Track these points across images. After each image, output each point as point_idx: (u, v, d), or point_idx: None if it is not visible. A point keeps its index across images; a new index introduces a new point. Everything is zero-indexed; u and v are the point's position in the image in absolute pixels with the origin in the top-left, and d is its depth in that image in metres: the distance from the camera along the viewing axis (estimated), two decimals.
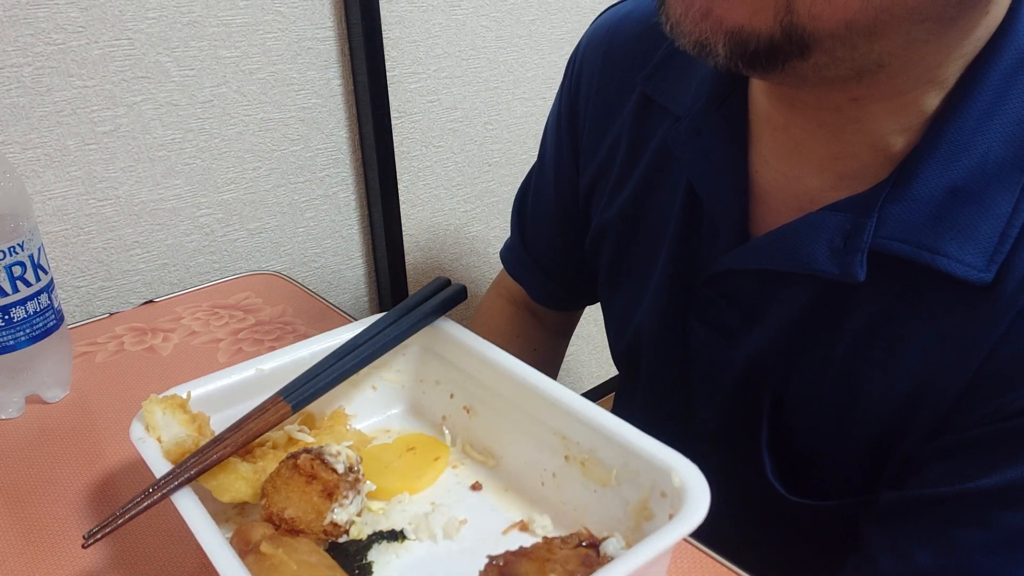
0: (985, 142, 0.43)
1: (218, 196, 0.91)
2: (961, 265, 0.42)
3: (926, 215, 0.43)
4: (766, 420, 0.53)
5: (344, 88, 0.97)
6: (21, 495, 0.55)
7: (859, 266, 0.45)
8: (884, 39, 0.39)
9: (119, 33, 0.78)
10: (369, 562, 0.46)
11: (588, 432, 0.46)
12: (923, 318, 0.45)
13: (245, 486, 0.46)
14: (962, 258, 0.42)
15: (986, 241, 0.42)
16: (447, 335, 0.56)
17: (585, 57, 0.67)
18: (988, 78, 0.42)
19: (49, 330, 0.63)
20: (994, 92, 0.43)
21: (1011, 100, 0.43)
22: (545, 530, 0.48)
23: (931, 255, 0.43)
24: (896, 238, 0.44)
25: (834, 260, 0.46)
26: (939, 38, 0.41)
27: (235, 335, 0.75)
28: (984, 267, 0.42)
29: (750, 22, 0.39)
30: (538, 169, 0.75)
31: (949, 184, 0.43)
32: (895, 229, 0.44)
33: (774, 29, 0.38)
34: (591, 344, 1.49)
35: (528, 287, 0.79)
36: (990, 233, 0.42)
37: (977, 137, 0.43)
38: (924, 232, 0.43)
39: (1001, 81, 0.42)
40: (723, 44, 0.40)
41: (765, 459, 0.53)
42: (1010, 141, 0.42)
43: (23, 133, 0.76)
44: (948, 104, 0.43)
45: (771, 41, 0.39)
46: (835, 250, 0.46)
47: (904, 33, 0.39)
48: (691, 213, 0.56)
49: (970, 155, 0.43)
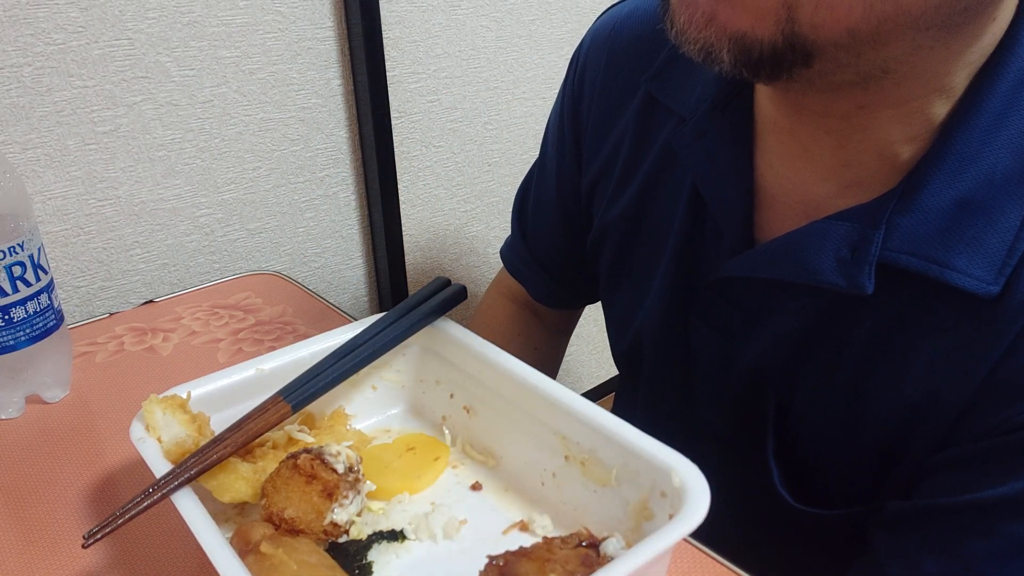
0: (993, 153, 0.42)
1: (218, 196, 0.91)
2: (970, 279, 0.42)
3: (935, 227, 0.43)
4: (771, 428, 0.52)
5: (344, 88, 0.97)
6: (21, 495, 0.55)
7: (867, 279, 0.44)
8: (889, 46, 0.39)
9: (119, 33, 0.78)
10: (369, 562, 0.46)
11: (588, 432, 0.46)
12: (930, 330, 0.45)
13: (245, 486, 0.46)
14: (971, 271, 0.42)
15: (995, 254, 0.42)
16: (447, 335, 0.56)
17: (588, 56, 0.67)
18: (995, 89, 0.42)
19: (49, 330, 0.63)
20: (1002, 103, 0.42)
21: (1019, 111, 0.42)
22: (545, 530, 0.48)
23: (940, 268, 0.43)
24: (904, 251, 0.44)
25: (841, 272, 0.45)
26: (945, 45, 0.41)
27: (235, 335, 0.75)
28: (993, 280, 0.42)
29: (753, 29, 0.38)
30: (539, 168, 0.75)
31: (957, 196, 0.43)
32: (903, 241, 0.44)
33: (776, 37, 0.38)
34: (591, 344, 1.49)
35: (528, 286, 0.79)
36: (999, 246, 0.42)
37: (985, 148, 0.42)
38: (933, 245, 0.43)
39: (1008, 92, 0.42)
40: (727, 51, 0.40)
41: (772, 467, 0.53)
42: (1018, 152, 0.42)
43: (23, 133, 0.76)
44: (956, 114, 0.43)
45: (774, 49, 0.39)
46: (842, 261, 0.45)
47: (909, 40, 0.39)
48: (695, 215, 0.56)
49: (978, 166, 0.42)
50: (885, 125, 0.45)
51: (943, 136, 0.43)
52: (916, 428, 0.46)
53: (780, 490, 0.53)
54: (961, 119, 0.43)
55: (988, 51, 0.43)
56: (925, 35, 0.39)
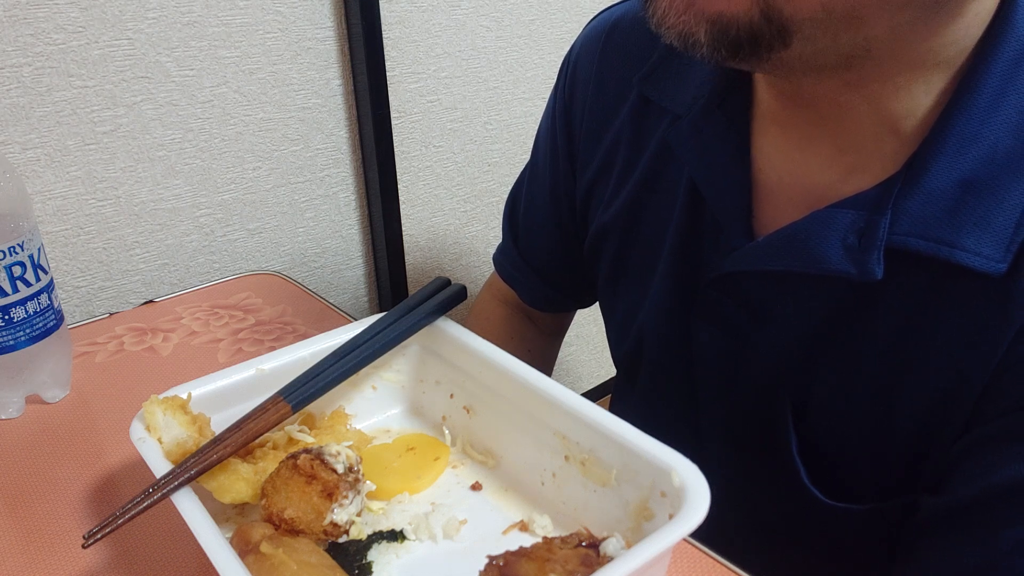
0: (993, 133, 0.43)
1: (218, 196, 0.91)
2: (979, 258, 0.42)
3: (940, 209, 0.43)
4: (791, 426, 0.52)
5: (344, 88, 0.97)
6: (21, 495, 0.55)
7: (876, 264, 0.44)
8: (867, 26, 0.39)
9: (119, 33, 0.78)
10: (369, 562, 0.46)
11: (588, 432, 0.46)
12: (947, 312, 0.45)
13: (246, 487, 0.46)
14: (980, 251, 0.42)
15: (1002, 232, 0.42)
16: (447, 335, 0.56)
17: (579, 60, 0.67)
18: (991, 70, 0.43)
19: (49, 330, 0.63)
20: (998, 83, 0.43)
21: (1015, 90, 0.43)
22: (545, 530, 0.48)
23: (949, 249, 0.43)
24: (912, 234, 0.44)
25: (850, 259, 0.45)
26: (925, 23, 0.41)
27: (235, 335, 0.75)
28: (1001, 258, 0.42)
29: (729, 8, 0.39)
30: (530, 173, 0.75)
31: (961, 177, 0.43)
32: (910, 225, 0.44)
33: (753, 13, 0.39)
34: (591, 344, 1.49)
35: (521, 291, 0.79)
36: (1005, 223, 0.42)
37: (985, 128, 0.43)
38: (940, 226, 0.43)
39: (1005, 72, 0.43)
40: (705, 32, 0.40)
41: (798, 465, 0.52)
42: (1017, 131, 0.43)
43: (23, 133, 0.76)
44: (954, 97, 0.43)
45: (751, 27, 0.39)
46: (850, 248, 0.45)
47: (887, 20, 0.39)
48: (693, 212, 0.56)
49: (979, 146, 0.43)
50: (877, 103, 0.45)
51: (942, 118, 0.44)
52: (946, 413, 0.46)
53: (810, 488, 0.52)
54: (959, 100, 0.43)
55: (975, 29, 0.43)
56: (903, 13, 0.39)
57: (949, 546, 0.45)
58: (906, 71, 0.43)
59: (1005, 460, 0.42)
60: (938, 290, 0.45)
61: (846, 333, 0.49)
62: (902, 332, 0.47)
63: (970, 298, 0.44)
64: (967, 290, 0.44)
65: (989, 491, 0.43)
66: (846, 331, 0.49)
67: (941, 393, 0.46)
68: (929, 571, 0.46)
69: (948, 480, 0.46)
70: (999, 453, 0.43)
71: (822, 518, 0.53)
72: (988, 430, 0.44)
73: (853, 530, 0.53)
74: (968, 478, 0.44)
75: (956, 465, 0.46)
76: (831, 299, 0.48)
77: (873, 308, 0.47)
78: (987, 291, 0.43)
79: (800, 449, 0.52)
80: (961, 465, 0.45)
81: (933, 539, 0.46)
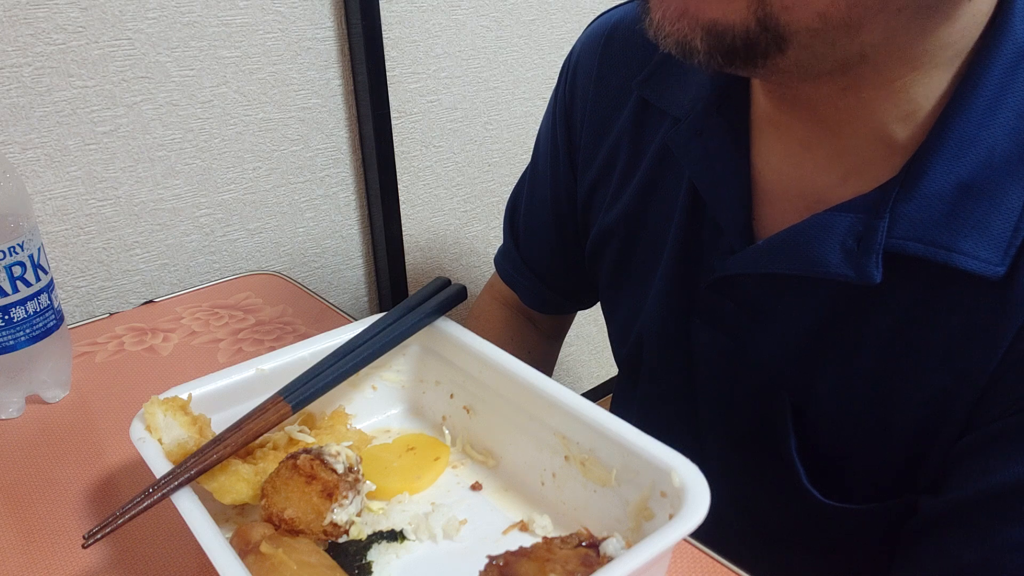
0: (991, 136, 0.43)
1: (218, 196, 0.91)
2: (977, 261, 0.42)
3: (938, 213, 0.43)
4: (791, 426, 0.52)
5: (344, 88, 0.97)
6: (21, 495, 0.55)
7: (875, 268, 0.44)
8: (863, 32, 0.39)
9: (119, 33, 0.78)
10: (369, 562, 0.46)
11: (588, 432, 0.46)
12: (945, 313, 0.45)
13: (246, 487, 0.46)
14: (978, 254, 0.42)
15: (1000, 236, 0.42)
16: (447, 335, 0.56)
17: (580, 63, 0.67)
18: (989, 72, 0.43)
19: (49, 330, 0.63)
20: (995, 86, 0.43)
21: (1013, 94, 0.43)
22: (545, 530, 0.48)
23: (947, 253, 0.43)
24: (910, 238, 0.44)
25: (849, 262, 0.45)
26: (921, 27, 0.41)
27: (235, 335, 0.75)
28: (999, 261, 0.42)
29: (724, 15, 0.39)
30: (531, 175, 0.75)
31: (958, 180, 0.43)
32: (908, 228, 0.44)
33: (749, 20, 0.39)
34: (591, 344, 1.49)
35: (522, 293, 0.79)
36: (1003, 227, 0.42)
37: (982, 132, 0.43)
38: (938, 230, 0.43)
39: (1002, 74, 0.43)
40: (701, 39, 0.40)
41: (797, 466, 0.52)
42: (1015, 134, 0.43)
43: (23, 133, 0.76)
44: (952, 100, 0.44)
45: (747, 34, 0.39)
46: (849, 252, 0.45)
47: (882, 24, 0.39)
48: (693, 214, 0.56)
49: (977, 150, 0.43)
50: (874, 106, 0.45)
51: (940, 122, 0.44)
52: (947, 411, 0.46)
53: (809, 488, 0.52)
54: (957, 104, 0.43)
55: (971, 31, 0.43)
56: (899, 18, 0.39)
57: (948, 546, 0.45)
58: (903, 74, 0.43)
59: (1005, 461, 0.42)
60: (936, 293, 0.45)
61: (845, 335, 0.49)
62: (901, 334, 0.47)
63: (968, 301, 0.44)
64: (965, 293, 0.44)
65: (988, 491, 0.43)
66: (845, 333, 0.49)
67: (939, 394, 0.46)
68: (928, 571, 0.46)
69: (947, 480, 0.46)
70: (999, 453, 0.43)
71: (821, 518, 0.53)
72: (988, 430, 0.44)
73: (852, 530, 0.53)
74: (967, 478, 0.44)
75: (955, 465, 0.46)
76: (830, 301, 0.49)
77: (872, 310, 0.47)
78: (985, 294, 0.43)
79: (799, 449, 0.52)
80: (960, 465, 0.45)
81: (932, 539, 0.46)
